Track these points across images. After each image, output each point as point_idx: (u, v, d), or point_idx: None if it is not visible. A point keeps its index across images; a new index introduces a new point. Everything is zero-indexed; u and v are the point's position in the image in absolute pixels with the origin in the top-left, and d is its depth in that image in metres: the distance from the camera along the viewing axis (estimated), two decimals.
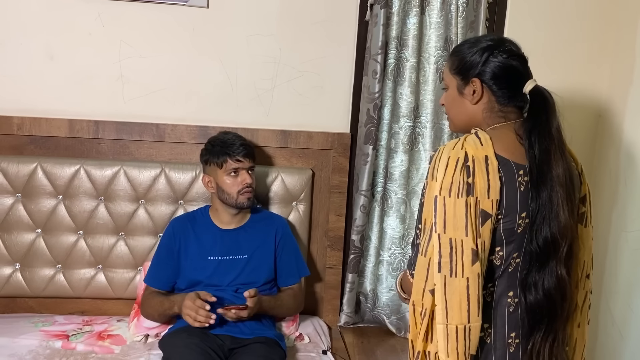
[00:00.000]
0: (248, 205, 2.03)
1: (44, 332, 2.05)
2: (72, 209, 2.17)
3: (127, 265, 2.22)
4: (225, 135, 2.07)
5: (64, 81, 2.19)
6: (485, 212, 1.18)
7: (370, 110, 2.23)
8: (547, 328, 1.25)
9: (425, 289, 1.21)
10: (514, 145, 1.25)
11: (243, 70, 2.25)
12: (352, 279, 2.36)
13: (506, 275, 1.26)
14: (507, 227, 1.22)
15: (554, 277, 1.22)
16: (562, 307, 1.25)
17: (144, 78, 2.21)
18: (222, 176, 1.99)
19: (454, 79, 1.33)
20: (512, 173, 1.22)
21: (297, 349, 2.11)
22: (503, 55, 1.27)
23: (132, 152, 2.21)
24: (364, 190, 2.28)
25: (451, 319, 1.18)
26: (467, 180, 1.17)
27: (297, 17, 2.24)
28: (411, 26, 2.22)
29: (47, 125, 2.16)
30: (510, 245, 1.24)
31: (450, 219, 1.17)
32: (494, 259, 1.24)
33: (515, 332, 1.27)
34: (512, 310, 1.27)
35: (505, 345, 1.27)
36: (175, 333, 1.90)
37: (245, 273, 2.04)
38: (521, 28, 2.28)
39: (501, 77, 1.27)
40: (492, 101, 1.29)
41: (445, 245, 1.17)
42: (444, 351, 1.19)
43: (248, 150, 2.02)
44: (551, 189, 1.21)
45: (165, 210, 2.21)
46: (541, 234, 1.22)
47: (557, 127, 1.25)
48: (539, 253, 1.22)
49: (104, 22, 2.16)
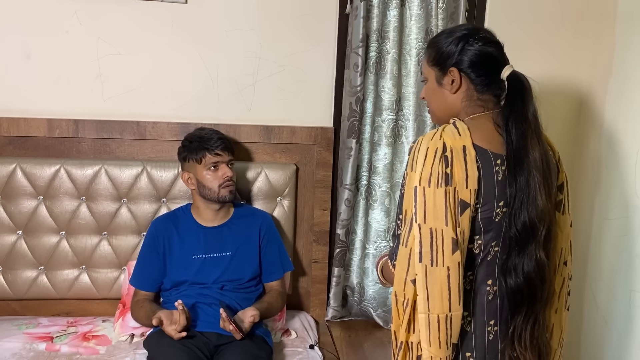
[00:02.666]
0: (230, 199, 2.02)
1: (27, 335, 2.03)
2: (54, 209, 2.14)
3: (111, 265, 2.21)
4: (201, 131, 2.06)
5: (41, 80, 2.16)
6: (464, 201, 1.19)
7: (353, 103, 2.22)
8: (527, 311, 1.27)
9: (406, 279, 1.22)
10: (492, 134, 1.26)
11: (223, 66, 2.23)
12: (339, 272, 2.36)
13: (485, 264, 1.28)
14: (485, 216, 1.23)
15: (533, 260, 1.24)
16: (542, 290, 1.26)
17: (123, 76, 2.19)
18: (202, 171, 1.98)
19: (432, 70, 1.34)
20: (490, 163, 1.23)
21: (284, 344, 2.10)
22: (479, 42, 1.28)
23: (113, 150, 2.19)
24: (348, 184, 2.28)
25: (433, 308, 1.19)
26: (446, 170, 1.18)
27: (277, 11, 2.22)
28: (392, 18, 2.21)
29: (25, 126, 2.13)
30: (488, 233, 1.25)
31: (430, 209, 1.18)
32: (473, 247, 1.25)
33: (495, 320, 1.29)
34: (490, 298, 1.28)
35: (485, 333, 1.28)
36: (160, 332, 1.87)
37: (230, 270, 2.02)
38: (501, 19, 2.28)
39: (478, 65, 1.28)
40: (470, 89, 1.30)
41: (426, 235, 1.18)
42: (426, 340, 1.20)
43: (226, 144, 2.02)
44: (528, 173, 1.23)
45: (148, 209, 2.19)
46: (520, 219, 1.23)
47: (534, 112, 1.27)
48: (519, 237, 1.23)
49: (81, 20, 2.13)
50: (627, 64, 2.06)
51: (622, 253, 2.04)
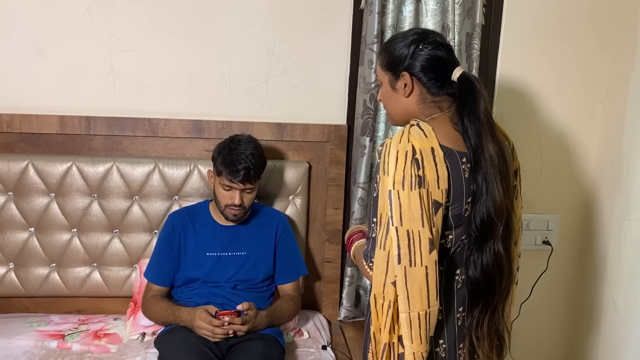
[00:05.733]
0: (233, 220, 1.97)
1: (39, 332, 2.02)
2: (65, 206, 2.13)
3: (123, 262, 2.19)
4: (236, 146, 1.92)
5: (53, 77, 2.15)
6: (437, 201, 1.24)
7: (367, 100, 2.19)
8: (485, 302, 1.33)
9: (386, 282, 1.26)
10: (453, 134, 1.32)
11: (236, 62, 2.20)
12: (351, 272, 2.33)
13: (454, 255, 1.34)
14: (455, 212, 1.29)
15: (492, 254, 1.30)
16: (500, 282, 1.32)
17: (135, 72, 2.17)
18: (217, 183, 1.95)
19: (385, 75, 1.39)
20: (457, 162, 1.29)
21: (297, 344, 2.08)
22: (428, 47, 1.33)
23: (124, 147, 2.18)
24: (361, 182, 2.24)
25: (413, 306, 1.23)
26: (418, 173, 1.22)
27: (291, 6, 2.19)
28: (407, 14, 2.17)
29: (37, 122, 2.12)
30: (458, 228, 1.31)
31: (405, 212, 1.21)
32: (445, 243, 1.31)
33: (463, 307, 1.36)
34: (459, 287, 1.35)
35: (454, 319, 1.35)
36: (172, 331, 1.87)
37: (244, 270, 2.00)
38: (520, 14, 2.23)
39: (429, 68, 1.33)
40: (423, 92, 1.35)
41: (403, 237, 1.22)
42: (408, 338, 1.25)
43: (247, 175, 1.87)
44: (485, 170, 1.28)
45: (160, 207, 2.17)
46: (478, 215, 1.28)
47: (485, 110, 1.31)
48: (478, 233, 1.29)
49: (93, 16, 2.12)
50: None
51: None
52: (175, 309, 1.91)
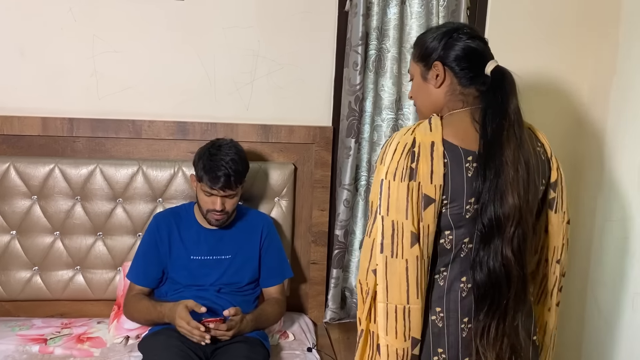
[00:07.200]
0: (215, 225, 1.96)
1: (21, 337, 1.99)
2: (48, 209, 2.11)
3: (106, 265, 2.17)
4: (217, 152, 1.89)
5: (35, 78, 2.12)
6: (428, 196, 1.21)
7: (352, 102, 2.19)
8: (491, 306, 1.24)
9: (369, 269, 1.26)
10: (466, 131, 1.27)
11: (221, 64, 2.19)
12: (337, 274, 2.32)
13: (459, 261, 1.28)
14: (455, 212, 1.24)
15: (498, 256, 1.22)
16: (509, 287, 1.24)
17: (118, 73, 2.15)
18: (199, 189, 1.93)
19: (417, 66, 1.36)
20: (460, 159, 1.24)
21: (282, 347, 2.07)
22: (462, 37, 1.30)
23: (108, 149, 2.16)
24: (347, 184, 2.24)
25: (391, 298, 1.22)
26: (411, 165, 1.21)
27: (276, 8, 2.19)
28: (392, 16, 2.18)
29: (19, 124, 2.09)
30: (460, 229, 1.26)
31: (393, 202, 1.21)
32: (444, 242, 1.27)
33: (469, 317, 1.29)
34: (464, 295, 1.29)
35: (458, 330, 1.29)
36: (155, 335, 1.85)
37: (229, 273, 1.99)
38: (503, 16, 2.24)
39: (462, 58, 1.29)
40: (454, 83, 1.31)
41: (388, 227, 1.21)
42: (383, 329, 1.23)
43: (228, 182, 1.86)
44: (500, 168, 1.21)
45: (144, 209, 2.16)
46: (486, 214, 1.22)
47: (515, 107, 1.25)
48: (484, 232, 1.23)
49: (76, 17, 2.10)
50: (631, 63, 2.03)
51: (625, 255, 2.02)
52: (157, 304, 1.90)
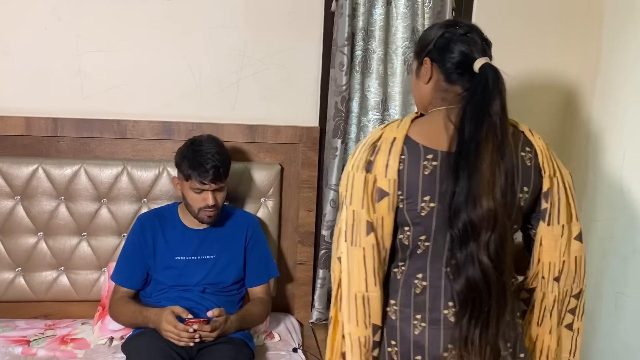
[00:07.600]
0: (209, 222, 1.96)
1: (3, 338, 1.98)
2: (31, 209, 2.10)
3: (91, 266, 2.16)
4: (199, 147, 1.90)
5: (19, 77, 2.11)
6: (382, 189, 1.24)
7: (338, 103, 2.19)
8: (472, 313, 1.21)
9: (335, 257, 1.29)
10: (435, 130, 1.25)
11: (207, 64, 2.19)
12: (324, 274, 2.32)
13: (415, 257, 1.28)
14: (410, 208, 1.25)
15: (476, 264, 1.19)
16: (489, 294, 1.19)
17: (103, 73, 2.14)
18: (187, 188, 1.92)
19: (414, 63, 1.38)
20: (418, 156, 1.23)
21: (267, 347, 2.07)
22: (452, 33, 1.29)
23: (92, 149, 2.14)
24: (333, 184, 2.24)
25: (352, 286, 1.25)
26: (370, 158, 1.25)
27: (262, 8, 2.18)
28: (377, 17, 2.18)
29: (2, 124, 2.07)
30: (416, 227, 1.26)
31: (354, 193, 1.25)
32: (403, 238, 1.29)
33: (422, 315, 1.27)
34: (418, 292, 1.27)
35: (410, 326, 1.28)
36: (139, 336, 1.84)
37: (214, 273, 1.98)
38: (488, 17, 2.25)
39: (447, 53, 1.28)
40: (440, 80, 1.29)
41: (350, 216, 1.25)
42: (347, 317, 1.26)
43: (217, 174, 1.86)
44: (474, 169, 1.16)
45: (129, 210, 2.14)
46: (459, 219, 1.19)
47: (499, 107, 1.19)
48: (460, 236, 1.20)
49: (60, 16, 2.08)
50: (614, 62, 2.05)
51: (608, 255, 2.03)
52: (143, 309, 1.89)
